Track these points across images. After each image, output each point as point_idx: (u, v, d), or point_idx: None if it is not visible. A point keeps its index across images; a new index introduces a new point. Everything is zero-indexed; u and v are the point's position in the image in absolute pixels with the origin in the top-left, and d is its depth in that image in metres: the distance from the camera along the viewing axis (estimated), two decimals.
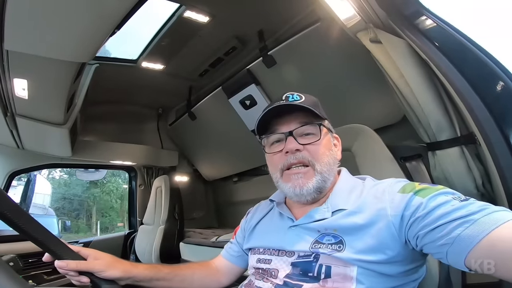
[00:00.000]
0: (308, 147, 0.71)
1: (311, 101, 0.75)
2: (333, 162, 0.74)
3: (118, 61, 2.21)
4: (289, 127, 0.73)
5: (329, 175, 0.72)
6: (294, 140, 0.71)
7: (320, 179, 0.70)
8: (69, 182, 9.09)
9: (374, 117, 1.58)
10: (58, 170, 8.70)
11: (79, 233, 7.72)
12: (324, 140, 0.74)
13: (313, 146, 0.72)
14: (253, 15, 1.73)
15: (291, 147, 0.71)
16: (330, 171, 0.72)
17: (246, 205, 1.08)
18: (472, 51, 0.75)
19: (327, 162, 0.72)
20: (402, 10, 0.89)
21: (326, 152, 0.73)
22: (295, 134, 0.72)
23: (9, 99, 1.58)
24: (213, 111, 2.46)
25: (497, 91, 0.72)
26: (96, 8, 1.01)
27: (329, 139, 0.76)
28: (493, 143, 0.70)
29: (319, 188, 0.71)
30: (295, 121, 0.73)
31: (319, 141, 0.72)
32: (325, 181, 0.71)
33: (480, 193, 0.87)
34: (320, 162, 0.71)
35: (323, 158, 0.72)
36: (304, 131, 0.73)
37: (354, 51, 1.22)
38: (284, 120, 0.74)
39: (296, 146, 0.71)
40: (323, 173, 0.71)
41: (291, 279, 0.66)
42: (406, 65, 0.90)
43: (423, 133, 0.97)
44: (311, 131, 0.73)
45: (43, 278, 1.44)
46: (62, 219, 7.57)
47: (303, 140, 0.72)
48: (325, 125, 0.76)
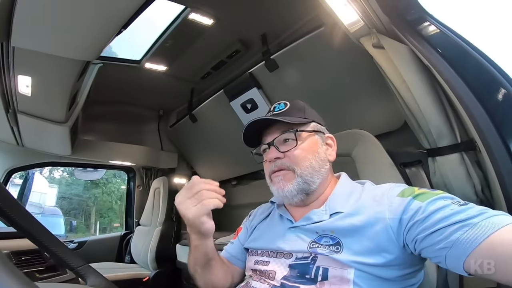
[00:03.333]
0: (288, 154, 0.75)
1: (296, 107, 0.80)
2: (319, 165, 0.75)
3: (121, 61, 2.22)
4: (272, 136, 0.77)
5: (312, 177, 0.73)
6: (275, 149, 0.76)
7: (301, 181, 0.73)
8: (70, 181, 9.10)
9: (375, 123, 1.59)
10: (60, 169, 8.73)
11: (77, 233, 7.68)
12: (304, 144, 0.76)
13: (291, 152, 0.74)
14: (257, 19, 1.74)
15: (270, 157, 0.76)
16: (313, 173, 0.74)
17: (244, 209, 1.07)
18: (474, 57, 0.76)
19: (308, 166, 0.74)
20: (405, 16, 0.90)
21: (308, 156, 0.74)
22: (277, 143, 0.76)
23: (12, 95, 1.59)
24: (214, 114, 2.46)
25: (498, 98, 0.72)
26: (104, 7, 1.02)
27: (312, 142, 0.77)
28: (493, 149, 0.70)
29: (303, 190, 0.73)
30: (277, 130, 0.77)
31: (296, 146, 0.74)
32: (308, 184, 0.73)
33: (479, 199, 0.87)
34: (300, 166, 0.73)
35: (303, 162, 0.74)
36: (283, 139, 0.77)
37: (356, 57, 1.23)
38: (269, 131, 0.79)
39: (275, 155, 0.75)
40: (304, 176, 0.73)
41: (288, 281, 0.66)
42: (408, 70, 0.91)
43: (424, 139, 0.98)
44: (288, 137, 0.76)
45: (35, 276, 1.43)
46: (68, 219, 7.58)
47: (284, 147, 0.76)
48: (308, 129, 0.78)
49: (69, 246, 2.47)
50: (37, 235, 0.70)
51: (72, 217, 8.49)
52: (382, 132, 1.51)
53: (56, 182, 9.14)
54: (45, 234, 0.71)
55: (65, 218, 7.07)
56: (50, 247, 0.71)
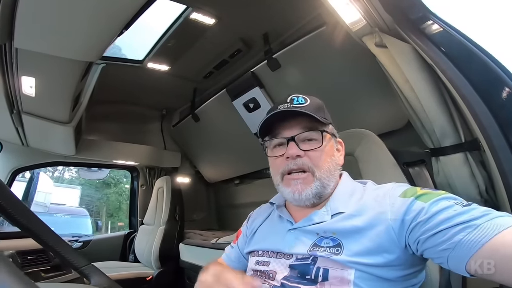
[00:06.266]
0: (309, 153, 0.71)
1: (316, 105, 0.74)
2: (334, 168, 0.73)
3: (124, 61, 2.23)
4: (291, 131, 0.72)
5: (329, 181, 0.71)
6: (296, 145, 0.70)
7: (319, 185, 0.70)
8: (83, 181, 9.23)
9: (377, 122, 1.58)
10: (69, 170, 8.82)
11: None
12: (326, 147, 0.73)
13: (314, 152, 0.71)
14: (259, 18, 1.74)
15: (292, 153, 0.70)
16: (330, 177, 0.72)
17: (247, 208, 1.07)
18: (478, 56, 0.75)
19: (327, 169, 0.71)
20: (408, 15, 0.89)
21: (327, 159, 0.72)
22: (297, 140, 0.71)
23: (16, 96, 1.60)
24: (217, 113, 2.47)
25: (503, 97, 0.71)
26: (105, 8, 1.03)
27: (332, 145, 0.75)
28: (498, 149, 0.69)
29: (318, 194, 0.71)
30: (298, 126, 0.72)
31: (321, 147, 0.71)
32: (324, 187, 0.71)
33: (484, 200, 0.87)
34: (320, 169, 0.70)
35: (323, 165, 0.71)
36: (307, 137, 0.72)
37: (359, 56, 1.22)
38: (287, 124, 0.73)
39: (297, 152, 0.70)
40: (322, 180, 0.70)
41: (288, 281, 0.66)
42: (411, 69, 0.90)
43: (427, 138, 0.97)
44: (313, 137, 0.72)
45: (41, 275, 1.44)
46: (95, 219, 7.69)
47: (305, 146, 0.71)
48: (329, 131, 0.75)
49: (74, 245, 2.51)
50: (42, 235, 0.70)
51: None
52: (385, 131, 1.51)
53: (67, 182, 9.28)
54: (49, 234, 0.72)
55: (92, 219, 7.27)
56: (55, 247, 0.71)
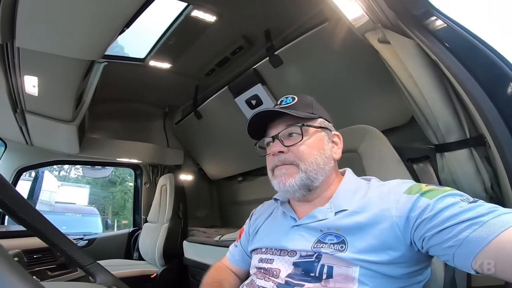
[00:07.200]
0: (292, 148, 0.73)
1: (304, 102, 0.78)
2: (324, 162, 0.74)
3: (126, 60, 2.23)
4: (276, 130, 0.76)
5: (316, 174, 0.72)
6: (279, 143, 0.75)
7: (304, 177, 0.71)
8: (89, 180, 9.30)
9: (381, 118, 1.57)
10: (76, 169, 8.88)
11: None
12: (309, 140, 0.74)
13: (296, 147, 0.73)
14: (261, 15, 1.73)
15: (274, 150, 0.75)
16: (318, 170, 0.72)
17: (250, 205, 1.07)
18: (482, 52, 0.74)
19: (313, 162, 0.72)
20: (411, 10, 0.88)
21: (312, 152, 0.73)
22: (281, 136, 0.75)
23: (19, 95, 1.61)
24: (219, 111, 2.47)
25: (508, 93, 0.70)
26: (106, 7, 1.02)
27: (319, 138, 0.76)
28: (503, 145, 0.69)
29: (305, 186, 0.72)
30: (283, 124, 0.76)
31: (301, 141, 0.73)
32: (311, 180, 0.72)
33: (489, 196, 0.86)
34: (304, 162, 0.72)
35: (308, 158, 0.72)
36: (289, 132, 0.75)
37: (361, 52, 1.21)
38: (275, 124, 0.78)
39: (279, 148, 0.74)
40: (308, 172, 0.71)
41: (292, 278, 0.66)
42: (415, 65, 0.89)
43: (432, 134, 0.96)
44: (294, 131, 0.75)
45: (47, 274, 1.45)
46: (104, 218, 7.83)
47: (289, 141, 0.74)
48: (314, 124, 0.76)
49: (79, 244, 2.53)
50: (47, 234, 0.71)
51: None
52: (389, 127, 1.50)
53: (74, 181, 9.35)
54: (54, 233, 0.72)
55: (102, 218, 7.36)
56: (60, 245, 0.72)
